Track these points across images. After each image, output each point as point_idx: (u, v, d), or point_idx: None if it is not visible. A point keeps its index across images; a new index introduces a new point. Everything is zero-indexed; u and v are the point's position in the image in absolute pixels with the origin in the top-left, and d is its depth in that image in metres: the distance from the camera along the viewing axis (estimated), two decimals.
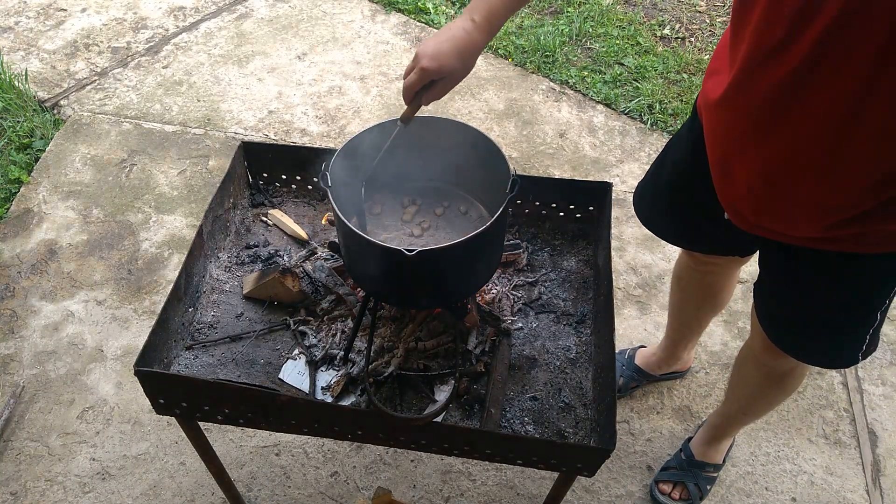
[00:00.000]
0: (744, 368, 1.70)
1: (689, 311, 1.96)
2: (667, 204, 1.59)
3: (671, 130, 3.08)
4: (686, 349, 2.14)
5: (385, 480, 2.00)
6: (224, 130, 3.00)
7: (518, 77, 3.32)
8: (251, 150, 1.64)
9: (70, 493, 1.96)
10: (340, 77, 3.27)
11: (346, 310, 1.49)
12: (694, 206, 1.49)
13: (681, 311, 1.98)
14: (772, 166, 1.11)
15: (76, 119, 3.02)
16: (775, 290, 1.38)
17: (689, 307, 1.95)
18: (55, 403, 2.14)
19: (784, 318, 1.39)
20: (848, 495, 2.03)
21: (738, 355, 1.74)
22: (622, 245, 2.64)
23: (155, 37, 3.46)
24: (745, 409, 1.81)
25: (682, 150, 1.48)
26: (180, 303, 1.41)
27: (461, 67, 1.21)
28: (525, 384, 1.40)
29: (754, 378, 1.66)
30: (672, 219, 1.61)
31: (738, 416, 1.86)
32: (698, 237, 1.61)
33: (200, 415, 1.34)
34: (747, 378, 1.70)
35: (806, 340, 1.38)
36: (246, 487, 1.97)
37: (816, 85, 0.96)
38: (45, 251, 2.53)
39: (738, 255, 1.62)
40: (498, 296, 1.51)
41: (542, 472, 2.01)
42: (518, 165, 2.90)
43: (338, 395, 1.36)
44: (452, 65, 1.19)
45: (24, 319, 2.34)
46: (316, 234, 1.66)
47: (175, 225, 2.63)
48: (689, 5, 3.85)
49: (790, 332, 1.39)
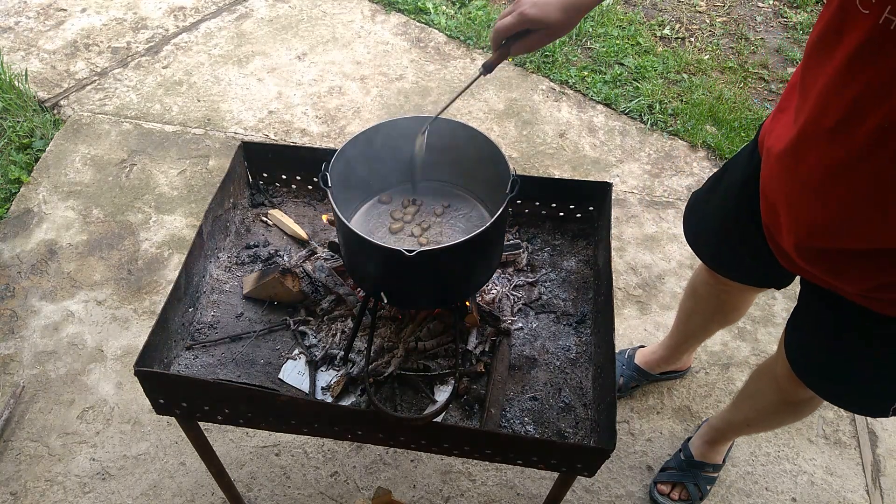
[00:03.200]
0: (759, 385, 1.66)
1: (698, 321, 1.93)
2: (713, 227, 1.53)
3: (671, 130, 3.08)
4: (688, 352, 2.13)
5: (385, 480, 2.00)
6: (224, 130, 3.00)
7: (518, 77, 3.32)
8: (251, 150, 1.64)
9: (70, 493, 1.96)
10: (340, 77, 3.27)
11: (346, 310, 1.49)
12: (739, 237, 1.44)
13: (689, 319, 1.95)
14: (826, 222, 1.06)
15: (76, 119, 3.02)
16: (813, 331, 1.33)
17: (699, 317, 1.92)
18: (55, 403, 2.14)
19: (817, 360, 1.34)
20: (848, 495, 2.03)
21: (756, 370, 1.70)
22: (622, 245, 2.64)
23: (155, 37, 3.46)
24: (750, 422, 1.78)
25: (737, 177, 1.41)
26: (180, 303, 1.40)
27: (563, 21, 1.12)
28: (525, 384, 1.40)
29: (768, 398, 1.62)
30: (715, 243, 1.56)
31: (741, 427, 1.84)
32: (738, 267, 1.56)
33: (200, 415, 1.34)
34: (760, 396, 1.66)
35: (836, 385, 1.33)
36: (246, 487, 1.97)
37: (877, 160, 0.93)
38: (45, 251, 2.53)
39: (775, 287, 1.55)
40: (498, 296, 1.51)
41: (542, 472, 2.01)
42: (518, 165, 2.90)
43: (338, 395, 1.36)
44: (556, 16, 1.11)
45: (24, 319, 2.34)
46: (316, 234, 1.66)
47: (175, 225, 2.63)
48: (689, 5, 3.85)
49: (821, 375, 1.35)
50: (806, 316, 1.35)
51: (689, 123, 3.08)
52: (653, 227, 2.71)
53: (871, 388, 1.27)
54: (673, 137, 3.07)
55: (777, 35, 3.68)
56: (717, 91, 3.25)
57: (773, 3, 3.89)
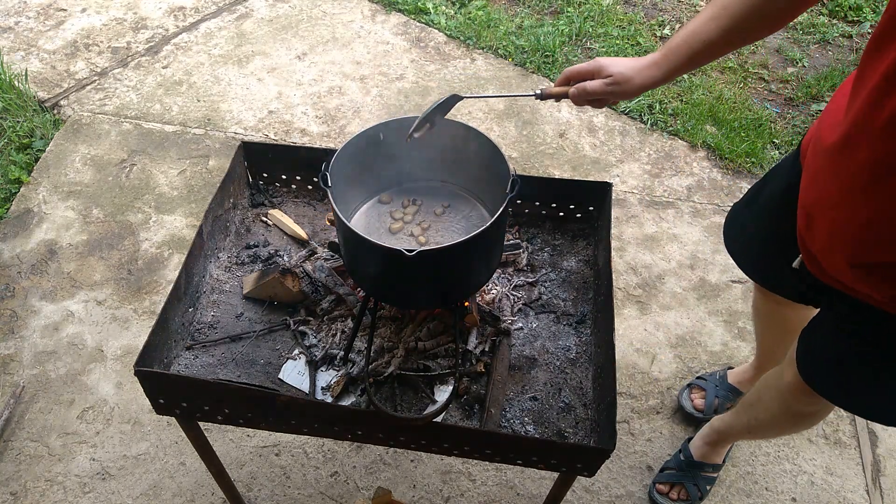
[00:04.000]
0: (765, 396, 1.64)
1: (770, 339, 1.93)
2: (754, 237, 1.51)
3: (671, 130, 3.08)
4: None
5: (385, 480, 2.00)
6: (224, 130, 3.00)
7: (518, 77, 3.32)
8: (251, 150, 1.64)
9: (70, 493, 1.96)
10: (340, 77, 3.27)
11: (346, 310, 1.49)
12: (779, 247, 1.40)
13: (763, 339, 1.96)
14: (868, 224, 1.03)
15: (76, 119, 3.02)
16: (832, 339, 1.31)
17: (769, 335, 1.92)
18: (55, 403, 2.14)
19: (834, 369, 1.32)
20: (848, 495, 2.03)
21: (762, 379, 1.68)
22: (622, 245, 2.64)
23: (155, 37, 3.46)
24: (752, 430, 1.77)
25: (779, 186, 1.40)
26: (180, 303, 1.40)
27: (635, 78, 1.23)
28: (525, 384, 1.40)
29: (773, 409, 1.60)
30: (757, 254, 1.54)
31: (742, 433, 1.83)
32: (781, 280, 1.52)
33: (200, 415, 1.34)
34: (765, 406, 1.64)
35: (855, 394, 1.31)
36: (246, 487, 1.97)
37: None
38: (45, 251, 2.53)
39: (813, 305, 1.49)
40: (498, 296, 1.51)
41: (542, 472, 2.01)
42: (518, 165, 2.90)
43: (338, 395, 1.36)
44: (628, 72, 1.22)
45: (24, 319, 2.34)
46: (316, 234, 1.66)
47: (175, 225, 2.63)
48: (689, 5, 3.85)
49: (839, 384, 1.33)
50: (825, 324, 1.33)
51: (689, 123, 3.08)
52: (653, 227, 2.71)
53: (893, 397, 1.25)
54: (673, 137, 3.07)
55: (777, 35, 3.68)
56: (717, 91, 3.25)
57: None
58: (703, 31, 1.18)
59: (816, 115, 3.17)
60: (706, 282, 2.53)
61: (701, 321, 2.42)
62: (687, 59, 1.21)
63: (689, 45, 1.20)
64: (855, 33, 3.67)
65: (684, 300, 2.47)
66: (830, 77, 3.33)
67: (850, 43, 3.63)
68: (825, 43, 3.62)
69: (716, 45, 1.19)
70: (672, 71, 1.22)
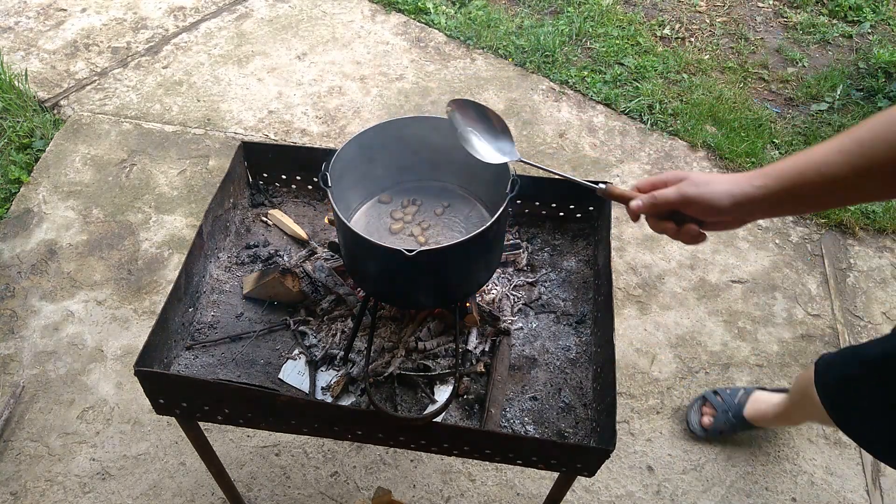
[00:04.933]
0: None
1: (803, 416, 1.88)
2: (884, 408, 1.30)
3: (671, 130, 3.08)
4: None
5: (385, 480, 2.00)
6: (224, 130, 3.00)
7: (518, 77, 3.32)
8: (251, 150, 1.64)
9: (70, 493, 1.96)
10: (340, 77, 3.27)
11: (346, 310, 1.49)
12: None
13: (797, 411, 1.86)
14: None
15: (76, 119, 3.01)
16: None
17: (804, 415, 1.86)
18: (55, 403, 2.14)
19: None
20: (848, 495, 2.03)
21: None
22: (622, 245, 2.64)
23: (155, 37, 3.46)
24: None
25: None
26: (180, 303, 1.40)
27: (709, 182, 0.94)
28: (525, 384, 1.40)
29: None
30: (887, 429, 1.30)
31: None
32: None
33: (200, 415, 1.34)
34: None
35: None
36: (246, 487, 1.97)
37: None
38: (45, 251, 2.53)
39: None
40: (498, 296, 1.51)
41: (542, 472, 2.01)
42: (518, 165, 2.90)
43: (338, 395, 1.36)
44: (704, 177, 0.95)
45: (24, 319, 2.34)
46: (316, 234, 1.66)
47: (175, 225, 2.63)
48: (689, 5, 3.85)
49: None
50: None
51: (689, 123, 3.08)
52: None
53: None
54: (673, 137, 3.07)
55: (777, 35, 3.68)
56: (717, 91, 3.25)
57: (773, 3, 3.89)
58: (825, 162, 0.85)
59: (816, 115, 3.18)
60: (706, 282, 2.54)
61: (701, 321, 2.42)
62: (791, 185, 0.88)
63: (800, 172, 0.87)
64: (855, 33, 3.66)
65: (684, 300, 2.48)
66: (830, 77, 3.34)
67: (850, 43, 3.63)
68: (825, 43, 3.62)
69: (838, 182, 0.84)
70: (772, 192, 0.89)
